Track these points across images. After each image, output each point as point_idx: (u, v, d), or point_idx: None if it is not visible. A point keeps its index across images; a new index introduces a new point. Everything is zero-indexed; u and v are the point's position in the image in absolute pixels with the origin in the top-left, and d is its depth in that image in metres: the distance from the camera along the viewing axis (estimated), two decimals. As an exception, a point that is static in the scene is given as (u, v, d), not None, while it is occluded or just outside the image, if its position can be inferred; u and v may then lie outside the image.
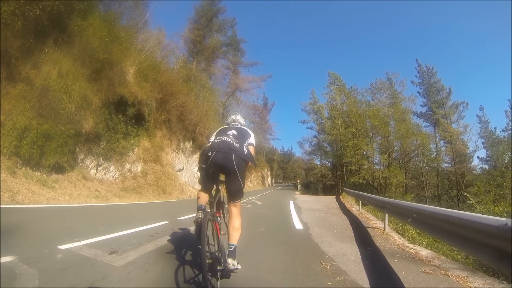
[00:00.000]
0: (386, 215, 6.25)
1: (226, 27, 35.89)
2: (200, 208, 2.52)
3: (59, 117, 10.38)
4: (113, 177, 13.00)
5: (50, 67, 10.90)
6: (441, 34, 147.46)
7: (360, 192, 12.76)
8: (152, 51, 17.56)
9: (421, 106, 39.72)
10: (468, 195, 17.28)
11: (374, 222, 7.54)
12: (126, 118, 13.86)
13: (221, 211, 3.01)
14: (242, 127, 3.19)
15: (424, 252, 4.44)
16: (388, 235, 5.70)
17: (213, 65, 36.00)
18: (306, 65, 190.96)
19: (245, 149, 2.81)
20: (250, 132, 3.10)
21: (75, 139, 11.09)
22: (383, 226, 6.68)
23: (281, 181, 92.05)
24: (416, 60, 41.11)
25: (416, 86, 40.28)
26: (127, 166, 13.82)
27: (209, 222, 2.46)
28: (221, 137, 2.83)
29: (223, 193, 3.00)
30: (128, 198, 10.93)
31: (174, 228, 5.22)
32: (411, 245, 4.94)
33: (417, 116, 38.17)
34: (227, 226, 2.82)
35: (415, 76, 40.55)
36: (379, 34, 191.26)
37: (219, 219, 2.82)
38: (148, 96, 14.95)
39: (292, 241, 4.80)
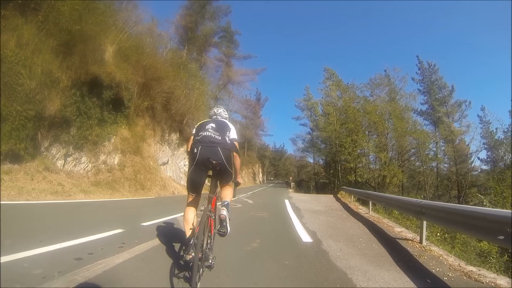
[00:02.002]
0: (425, 223, 4.76)
1: (220, 14, 34.11)
2: (189, 244, 2.40)
3: (14, 95, 8.66)
4: (84, 169, 11.26)
5: (8, 35, 9.14)
6: (444, 30, 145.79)
7: (373, 192, 11.18)
8: (136, 29, 15.78)
9: (421, 104, 38.62)
10: (482, 196, 16.19)
11: (399, 230, 6.07)
12: (101, 103, 12.10)
13: (215, 206, 2.83)
14: (222, 119, 3.15)
15: (502, 281, 3.05)
16: (433, 252, 4.28)
17: (204, 55, 34.15)
18: (301, 61, 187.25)
19: (227, 139, 2.84)
20: (230, 125, 3.05)
21: (36, 123, 9.35)
22: (414, 236, 5.34)
23: (272, 178, 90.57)
24: (417, 56, 39.82)
25: (417, 83, 38.88)
26: (102, 157, 12.08)
27: (206, 217, 2.41)
28: (201, 132, 2.83)
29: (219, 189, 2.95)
30: (97, 194, 9.24)
31: (125, 242, 3.63)
32: (473, 268, 3.57)
33: (417, 113, 37.00)
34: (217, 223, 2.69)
35: (416, 73, 39.36)
36: (379, 28, 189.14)
37: (213, 215, 2.68)
38: (128, 79, 13.19)
39: (305, 268, 3.23)
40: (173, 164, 18.23)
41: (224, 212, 2.59)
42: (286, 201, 12.83)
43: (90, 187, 9.88)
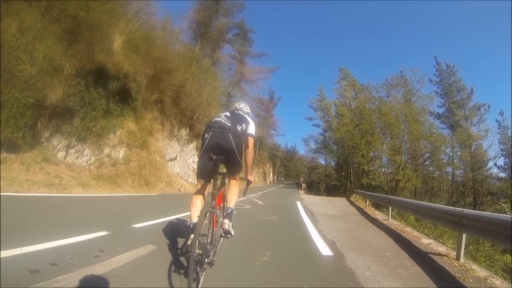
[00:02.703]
0: (464, 236, 3.93)
1: (234, 11, 33.52)
2: (192, 228, 2.38)
3: (13, 81, 8.20)
4: (87, 162, 10.77)
5: (10, 19, 8.69)
6: (464, 31, 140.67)
7: (394, 197, 10.22)
8: (147, 21, 15.27)
9: (438, 107, 37.02)
10: (504, 205, 15.08)
11: (427, 242, 5.23)
12: (107, 93, 11.57)
13: (222, 204, 2.89)
14: (239, 112, 3.08)
15: None
16: (475, 272, 3.53)
17: (218, 51, 33.58)
18: (316, 61, 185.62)
19: (238, 128, 2.74)
20: (249, 120, 2.98)
21: (36, 111, 8.87)
22: (447, 250, 4.54)
23: (282, 179, 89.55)
24: (435, 57, 38.28)
25: (434, 85, 37.36)
26: (106, 150, 11.57)
27: (208, 213, 2.30)
28: (214, 119, 2.80)
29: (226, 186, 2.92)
30: (96, 189, 8.68)
31: (104, 250, 2.92)
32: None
33: (434, 116, 35.41)
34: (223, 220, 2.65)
35: (433, 74, 37.77)
36: (396, 30, 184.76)
37: (218, 212, 2.71)
38: (137, 70, 12.67)
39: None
40: (181, 161, 17.66)
41: (226, 226, 2.57)
42: (298, 203, 12.08)
43: (90, 180, 9.36)
